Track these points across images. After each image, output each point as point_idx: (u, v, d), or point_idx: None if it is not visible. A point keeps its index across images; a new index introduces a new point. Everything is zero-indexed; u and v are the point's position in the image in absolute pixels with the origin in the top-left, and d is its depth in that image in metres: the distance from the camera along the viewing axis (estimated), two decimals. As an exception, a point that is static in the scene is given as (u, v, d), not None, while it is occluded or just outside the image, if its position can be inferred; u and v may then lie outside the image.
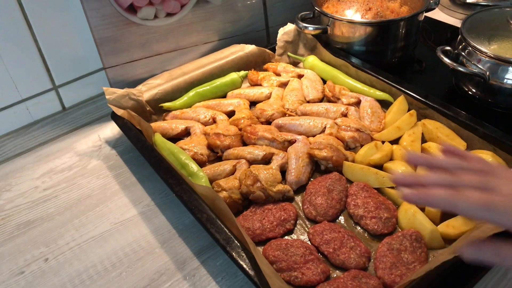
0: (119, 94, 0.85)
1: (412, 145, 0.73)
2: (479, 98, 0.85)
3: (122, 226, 0.70)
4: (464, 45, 0.84)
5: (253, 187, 0.66)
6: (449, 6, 1.22)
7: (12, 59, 0.87)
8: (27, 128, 0.95)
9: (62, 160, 0.85)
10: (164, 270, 0.63)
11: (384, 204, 0.64)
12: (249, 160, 0.75)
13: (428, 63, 1.03)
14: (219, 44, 1.03)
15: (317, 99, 0.89)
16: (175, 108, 0.89)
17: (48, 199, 0.77)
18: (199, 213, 0.62)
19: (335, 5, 1.03)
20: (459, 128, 0.74)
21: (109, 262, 0.65)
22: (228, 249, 0.57)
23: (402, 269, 0.55)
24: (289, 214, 0.65)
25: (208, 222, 0.60)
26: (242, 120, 0.82)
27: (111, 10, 0.88)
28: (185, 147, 0.77)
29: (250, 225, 0.64)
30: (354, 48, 0.97)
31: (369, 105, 0.83)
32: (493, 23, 0.85)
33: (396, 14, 0.98)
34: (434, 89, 0.93)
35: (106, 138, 0.90)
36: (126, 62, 0.94)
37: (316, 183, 0.69)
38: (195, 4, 0.96)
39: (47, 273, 0.64)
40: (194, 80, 0.93)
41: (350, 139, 0.76)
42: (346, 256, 0.58)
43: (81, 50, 0.95)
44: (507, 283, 0.57)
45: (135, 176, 0.80)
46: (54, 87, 0.96)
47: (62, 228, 0.71)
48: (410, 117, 0.77)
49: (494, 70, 0.79)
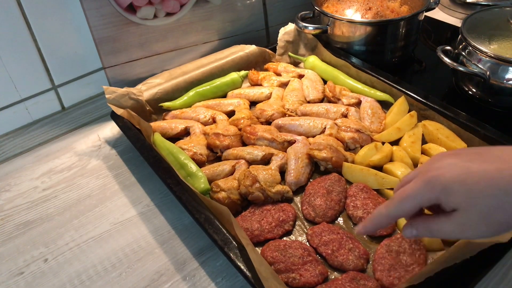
0: (119, 93, 0.85)
1: (412, 146, 0.73)
2: (479, 98, 0.85)
3: (121, 226, 0.70)
4: (464, 45, 0.84)
5: (252, 188, 0.66)
6: (449, 5, 1.22)
7: (11, 59, 0.87)
8: (27, 128, 0.95)
9: (61, 160, 0.85)
10: (164, 270, 0.63)
11: (384, 205, 0.64)
12: (249, 161, 0.75)
13: (428, 63, 1.03)
14: (219, 44, 1.03)
15: (317, 99, 0.89)
16: (175, 107, 0.89)
17: (48, 199, 0.77)
18: (197, 213, 0.62)
19: (335, 4, 1.03)
20: (460, 129, 0.74)
21: (108, 262, 0.65)
22: (226, 250, 0.57)
23: (401, 271, 0.55)
24: (288, 215, 0.65)
25: (207, 223, 0.60)
26: (241, 120, 0.82)
27: (110, 10, 0.88)
28: (185, 147, 0.77)
29: (248, 226, 0.64)
30: (354, 47, 0.96)
31: (370, 105, 0.83)
32: (493, 22, 0.85)
33: (396, 13, 0.97)
34: (434, 89, 0.93)
35: (106, 138, 0.90)
36: (125, 62, 0.94)
37: (315, 184, 0.69)
38: (195, 3, 0.96)
39: (47, 273, 0.64)
40: (194, 80, 0.93)
41: (350, 140, 0.76)
42: (344, 258, 0.58)
43: (80, 49, 0.95)
44: (508, 283, 0.57)
45: (134, 176, 0.80)
46: (53, 87, 0.96)
47: (61, 229, 0.71)
48: (410, 118, 0.77)
49: (494, 70, 0.79)
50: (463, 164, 0.40)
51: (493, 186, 0.38)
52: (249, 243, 0.55)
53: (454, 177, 0.40)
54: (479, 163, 0.40)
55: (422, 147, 0.74)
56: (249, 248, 0.54)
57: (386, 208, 0.44)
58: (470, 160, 0.40)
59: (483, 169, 0.39)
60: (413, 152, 0.72)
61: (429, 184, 0.41)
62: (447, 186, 0.40)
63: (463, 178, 0.39)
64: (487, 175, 0.39)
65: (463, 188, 0.39)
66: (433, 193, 0.41)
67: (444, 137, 0.73)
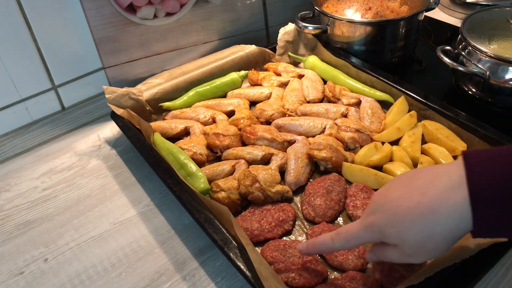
0: (119, 93, 0.85)
1: (412, 146, 0.73)
2: (479, 98, 0.85)
3: (121, 226, 0.70)
4: (464, 45, 0.84)
5: (252, 188, 0.66)
6: (449, 5, 1.22)
7: (11, 58, 0.87)
8: (27, 128, 0.95)
9: (61, 160, 0.85)
10: (164, 270, 0.63)
11: (383, 205, 0.64)
12: (248, 160, 0.75)
13: (428, 62, 1.03)
14: (219, 44, 1.03)
15: (317, 99, 0.89)
16: (174, 107, 0.89)
17: (48, 199, 0.77)
18: (197, 213, 0.62)
19: (335, 4, 1.03)
20: (459, 129, 0.74)
21: (108, 262, 0.65)
22: (226, 250, 0.57)
23: (401, 270, 0.55)
24: (288, 215, 0.65)
25: (207, 223, 0.60)
26: (241, 120, 0.82)
27: (110, 10, 0.88)
28: (184, 147, 0.77)
29: (248, 225, 0.64)
30: (354, 47, 0.96)
31: (369, 105, 0.83)
32: (493, 22, 0.85)
33: (396, 13, 0.97)
34: (434, 88, 0.93)
35: (106, 138, 0.90)
36: (125, 62, 0.94)
37: (315, 184, 0.69)
38: (195, 3, 0.96)
39: (47, 273, 0.64)
40: (194, 80, 0.93)
41: (349, 140, 0.76)
42: (344, 258, 0.58)
43: (80, 49, 0.95)
44: (507, 283, 0.57)
45: (134, 176, 0.80)
46: (53, 86, 0.96)
47: (61, 228, 0.71)
48: (410, 118, 0.77)
49: (494, 70, 0.79)
50: (392, 204, 0.44)
51: (415, 222, 0.42)
52: (249, 243, 0.55)
53: (386, 222, 0.45)
54: (403, 199, 0.44)
55: (422, 147, 0.74)
56: (249, 247, 0.54)
57: (331, 241, 0.50)
58: (398, 198, 0.44)
59: (406, 206, 0.43)
60: (413, 152, 0.72)
61: (368, 229, 0.46)
62: (381, 230, 0.45)
63: (392, 220, 0.44)
64: (409, 212, 0.43)
65: (394, 230, 0.44)
66: (373, 236, 0.46)
67: (444, 137, 0.73)
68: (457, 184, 0.40)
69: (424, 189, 0.43)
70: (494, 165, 0.39)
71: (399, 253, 0.45)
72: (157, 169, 0.70)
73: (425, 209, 0.42)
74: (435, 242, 0.42)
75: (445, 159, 0.70)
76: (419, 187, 0.43)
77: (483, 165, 0.40)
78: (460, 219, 0.40)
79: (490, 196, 0.39)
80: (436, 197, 0.41)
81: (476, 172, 0.40)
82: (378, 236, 0.46)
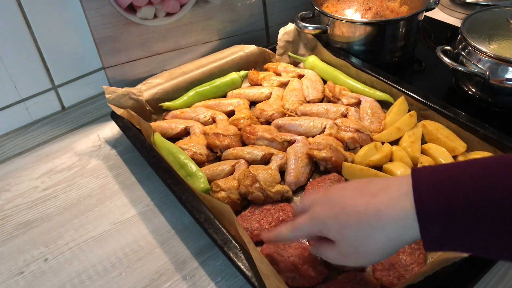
0: (119, 93, 0.85)
1: (412, 146, 0.73)
2: (479, 98, 0.85)
3: (121, 226, 0.70)
4: (464, 45, 0.84)
5: (251, 188, 0.66)
6: (449, 5, 1.22)
7: (11, 58, 0.87)
8: (27, 128, 0.95)
9: (61, 160, 0.85)
10: (164, 270, 0.63)
11: (383, 205, 0.64)
12: (248, 160, 0.75)
13: (428, 63, 1.03)
14: (219, 44, 1.03)
15: (317, 99, 0.89)
16: (174, 107, 0.89)
17: (48, 199, 0.77)
18: (197, 213, 0.62)
19: (335, 4, 1.03)
20: (459, 129, 0.74)
21: (108, 262, 0.65)
22: (226, 249, 0.57)
23: (400, 270, 0.55)
24: (288, 214, 0.65)
25: (206, 222, 0.60)
26: (241, 120, 0.82)
27: (110, 10, 0.88)
28: (184, 147, 0.77)
29: (248, 225, 0.64)
30: (354, 47, 0.96)
31: (369, 105, 0.83)
32: (493, 22, 0.85)
33: (396, 13, 0.97)
34: (434, 89, 0.93)
35: (106, 138, 0.90)
36: (125, 62, 0.94)
37: (315, 184, 0.69)
38: (195, 3, 0.96)
39: (47, 273, 0.64)
40: (194, 80, 0.93)
41: (349, 140, 0.76)
42: (344, 258, 0.58)
43: (80, 49, 0.95)
44: (507, 283, 0.57)
45: (134, 176, 0.80)
46: (53, 86, 0.96)
47: (61, 228, 0.71)
48: (410, 118, 0.77)
49: (494, 70, 0.79)
50: (342, 201, 0.45)
51: (360, 220, 0.43)
52: (250, 241, 0.55)
53: (330, 215, 0.45)
54: (354, 199, 0.44)
55: (421, 147, 0.74)
56: (251, 246, 0.54)
57: (285, 231, 0.51)
58: (349, 197, 0.45)
59: (355, 204, 0.44)
60: (412, 152, 0.72)
61: (312, 220, 0.47)
62: (324, 222, 0.46)
63: (337, 215, 0.45)
64: (356, 210, 0.43)
65: (336, 223, 0.45)
66: (315, 227, 0.47)
67: (443, 137, 0.73)
68: (405, 193, 0.41)
69: (375, 192, 0.44)
70: (439, 178, 0.39)
71: (336, 252, 0.46)
72: (157, 169, 0.70)
73: (372, 210, 0.42)
74: (374, 246, 0.43)
75: (445, 159, 0.70)
76: (371, 190, 0.44)
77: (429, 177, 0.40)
78: (405, 227, 0.40)
79: (435, 207, 0.39)
80: (384, 201, 0.42)
81: (422, 181, 0.40)
82: (319, 228, 0.46)
